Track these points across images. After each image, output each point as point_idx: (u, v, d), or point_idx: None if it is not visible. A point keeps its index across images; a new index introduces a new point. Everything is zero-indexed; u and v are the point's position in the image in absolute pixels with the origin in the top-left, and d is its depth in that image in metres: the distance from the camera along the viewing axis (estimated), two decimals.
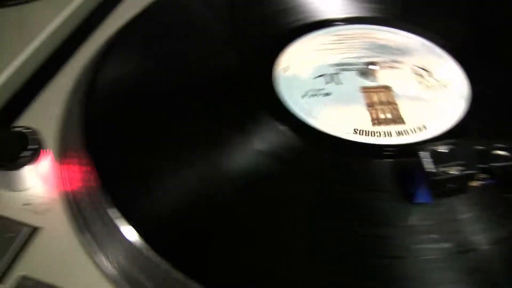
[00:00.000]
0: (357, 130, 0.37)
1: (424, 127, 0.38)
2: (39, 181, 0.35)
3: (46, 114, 0.40)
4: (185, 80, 0.41)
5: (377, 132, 0.37)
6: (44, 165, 0.35)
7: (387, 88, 0.41)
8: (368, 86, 0.41)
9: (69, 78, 0.43)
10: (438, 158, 0.31)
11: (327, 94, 0.40)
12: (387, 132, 0.37)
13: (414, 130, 0.38)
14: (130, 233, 0.31)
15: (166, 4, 0.48)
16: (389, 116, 0.39)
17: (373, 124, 0.38)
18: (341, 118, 0.38)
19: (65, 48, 0.47)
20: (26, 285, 0.31)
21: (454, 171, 0.31)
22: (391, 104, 0.40)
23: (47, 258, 0.32)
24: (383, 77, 0.42)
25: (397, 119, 0.38)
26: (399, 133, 0.37)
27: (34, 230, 0.33)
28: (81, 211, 0.33)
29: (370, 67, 0.42)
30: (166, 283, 0.30)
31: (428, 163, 0.31)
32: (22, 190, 0.35)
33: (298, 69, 0.42)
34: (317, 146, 0.36)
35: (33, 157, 0.34)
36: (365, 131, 0.37)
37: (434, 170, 0.31)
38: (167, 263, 0.29)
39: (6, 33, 0.46)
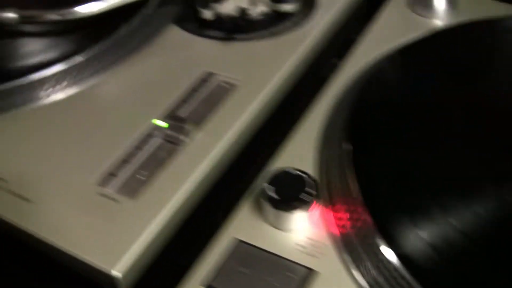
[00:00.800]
0: None
1: None
2: (309, 223, 0.37)
3: (299, 155, 0.41)
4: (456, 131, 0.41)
5: None
6: (315, 209, 0.36)
7: None
8: None
9: (317, 118, 0.44)
10: None
11: None
12: None
13: None
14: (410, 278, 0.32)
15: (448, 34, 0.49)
16: None
17: None
18: None
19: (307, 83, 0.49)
20: None
21: None
22: None
23: None
24: None
25: None
26: None
27: (311, 273, 0.35)
28: (354, 256, 0.35)
29: None
30: None
31: None
32: (291, 230, 0.37)
33: None
34: None
35: (308, 202, 0.36)
36: None
37: None
38: None
39: (237, 68, 0.48)
